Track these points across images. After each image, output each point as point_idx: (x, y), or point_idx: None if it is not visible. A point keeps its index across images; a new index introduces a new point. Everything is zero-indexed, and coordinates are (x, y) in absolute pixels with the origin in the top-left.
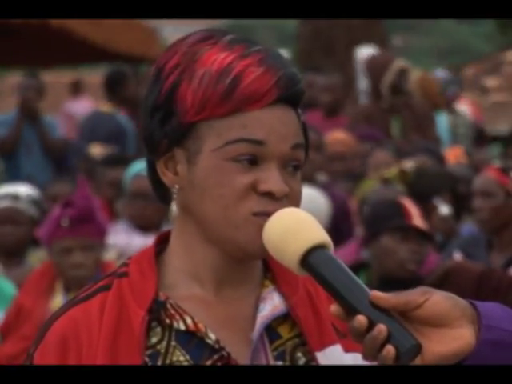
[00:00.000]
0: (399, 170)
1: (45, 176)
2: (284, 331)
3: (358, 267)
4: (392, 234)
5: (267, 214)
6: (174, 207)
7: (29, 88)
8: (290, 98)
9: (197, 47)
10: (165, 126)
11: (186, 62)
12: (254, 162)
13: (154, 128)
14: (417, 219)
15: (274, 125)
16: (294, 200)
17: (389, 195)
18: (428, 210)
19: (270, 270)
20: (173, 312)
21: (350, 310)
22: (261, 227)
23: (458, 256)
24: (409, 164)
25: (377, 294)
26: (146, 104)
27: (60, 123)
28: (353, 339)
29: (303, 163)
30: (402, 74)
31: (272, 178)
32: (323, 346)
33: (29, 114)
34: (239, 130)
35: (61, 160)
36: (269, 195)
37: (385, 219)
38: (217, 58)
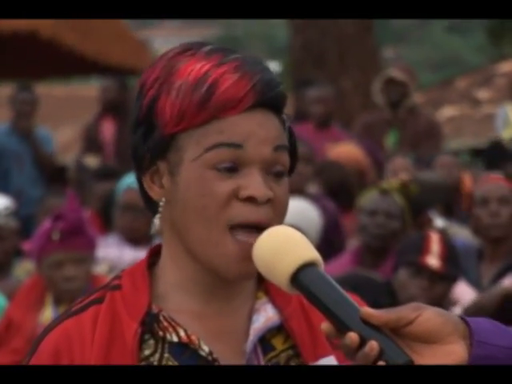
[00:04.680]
0: (401, 183)
1: (36, 190)
2: (278, 343)
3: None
4: (406, 268)
5: (248, 226)
6: (156, 221)
7: (24, 102)
8: (269, 102)
9: (175, 60)
10: (147, 140)
11: (165, 75)
12: (234, 169)
13: (138, 143)
14: (433, 256)
15: (252, 128)
16: (278, 206)
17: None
18: (423, 223)
19: (263, 280)
20: (166, 324)
21: (341, 328)
22: (241, 248)
23: None
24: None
25: (367, 311)
26: (131, 120)
27: None
28: (345, 356)
29: (288, 168)
30: (391, 84)
31: (253, 183)
32: (317, 357)
33: (23, 128)
34: (216, 136)
35: None
36: (251, 200)
37: (404, 251)
38: (193, 68)
